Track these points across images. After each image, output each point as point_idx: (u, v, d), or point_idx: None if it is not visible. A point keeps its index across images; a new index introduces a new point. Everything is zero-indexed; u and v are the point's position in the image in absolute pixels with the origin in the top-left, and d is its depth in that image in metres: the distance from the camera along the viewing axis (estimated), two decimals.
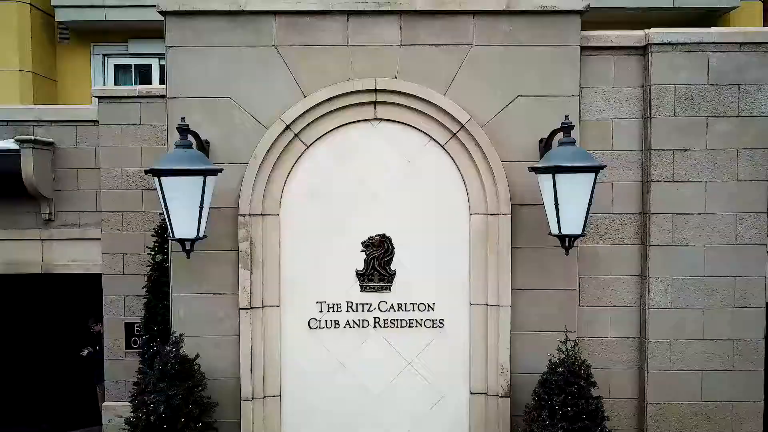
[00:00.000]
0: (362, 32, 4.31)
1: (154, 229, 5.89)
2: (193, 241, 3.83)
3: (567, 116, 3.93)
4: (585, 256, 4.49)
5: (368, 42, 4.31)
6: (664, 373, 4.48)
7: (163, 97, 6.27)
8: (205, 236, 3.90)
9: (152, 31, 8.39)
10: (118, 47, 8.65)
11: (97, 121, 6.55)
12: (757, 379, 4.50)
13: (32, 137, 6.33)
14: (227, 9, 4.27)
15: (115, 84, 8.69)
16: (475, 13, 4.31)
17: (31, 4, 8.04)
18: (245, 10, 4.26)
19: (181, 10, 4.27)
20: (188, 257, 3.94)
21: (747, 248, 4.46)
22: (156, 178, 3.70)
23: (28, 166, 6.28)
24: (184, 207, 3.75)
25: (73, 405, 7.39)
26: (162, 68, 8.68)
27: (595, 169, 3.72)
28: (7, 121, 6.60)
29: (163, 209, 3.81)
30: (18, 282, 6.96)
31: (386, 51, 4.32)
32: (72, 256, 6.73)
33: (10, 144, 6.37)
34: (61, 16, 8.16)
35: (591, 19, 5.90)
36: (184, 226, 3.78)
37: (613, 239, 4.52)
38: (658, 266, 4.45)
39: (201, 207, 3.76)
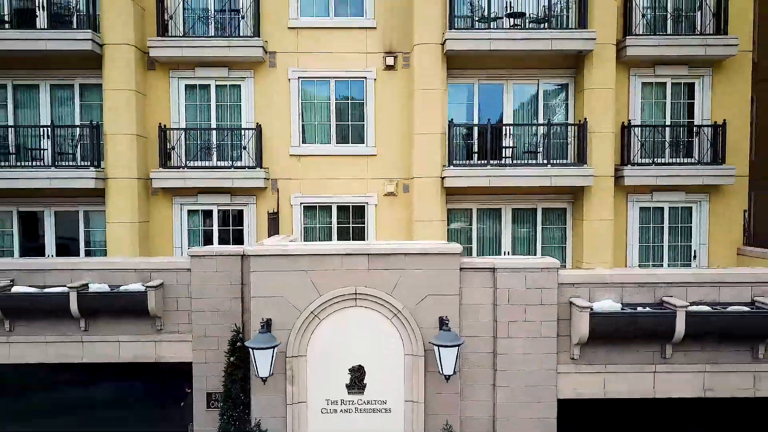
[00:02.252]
0: (349, 263, 8.33)
1: (229, 341, 9.82)
2: (267, 377, 7.85)
3: (446, 316, 7.97)
4: (465, 375, 8.49)
5: (351, 268, 8.33)
6: None
7: (229, 255, 10.26)
8: (273, 374, 7.90)
9: (213, 189, 12.49)
10: (190, 198, 12.70)
11: (189, 269, 10.53)
12: None
13: (153, 283, 10.29)
14: (281, 253, 8.32)
15: (187, 227, 12.74)
16: (406, 254, 8.34)
17: (138, 178, 12.12)
18: (291, 254, 8.31)
19: (256, 254, 8.33)
20: (264, 383, 7.97)
21: (547, 371, 8.48)
22: (251, 350, 7.72)
23: (150, 300, 10.21)
24: (263, 361, 7.75)
25: None
26: (219, 212, 12.74)
27: (459, 345, 7.74)
28: (134, 269, 10.59)
29: (252, 362, 7.82)
30: (140, 367, 10.91)
31: (360, 272, 8.33)
32: (173, 351, 10.64)
33: (139, 286, 10.35)
34: (156, 183, 12.23)
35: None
36: (263, 370, 7.79)
37: (479, 366, 8.53)
38: (500, 380, 8.46)
39: (272, 361, 7.78)
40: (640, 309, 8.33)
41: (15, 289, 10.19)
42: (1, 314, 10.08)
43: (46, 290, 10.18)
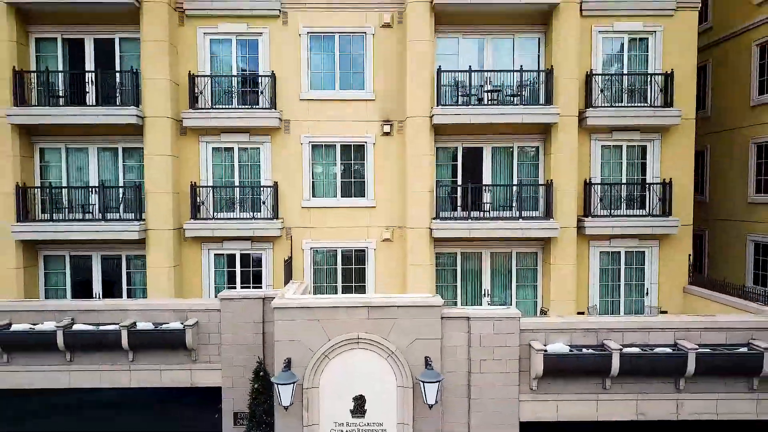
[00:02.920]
0: (353, 313, 10.38)
1: (253, 371, 11.87)
2: (289, 405, 9.90)
3: (430, 357, 10.03)
4: (445, 403, 10.53)
5: (354, 318, 10.37)
6: None
7: (252, 298, 12.27)
8: (293, 403, 9.96)
9: (236, 237, 14.55)
10: (217, 244, 14.77)
11: (219, 310, 12.57)
12: None
13: (190, 322, 12.31)
14: (299, 306, 10.38)
15: (214, 268, 14.81)
16: (398, 306, 10.40)
17: (173, 229, 14.21)
18: (307, 306, 10.37)
19: (279, 306, 10.39)
20: (286, 411, 10.02)
21: (511, 399, 10.55)
22: (275, 385, 9.78)
23: (188, 337, 12.24)
24: (286, 393, 9.81)
25: None
26: (242, 256, 14.79)
27: (439, 380, 9.79)
28: (174, 309, 12.62)
29: (276, 393, 9.87)
30: (178, 390, 12.94)
31: (363, 321, 10.37)
32: (206, 378, 12.66)
33: (178, 325, 12.35)
34: (189, 233, 14.30)
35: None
36: (285, 400, 9.84)
37: (456, 396, 10.58)
38: (474, 407, 10.50)
39: (292, 393, 9.84)
40: (584, 350, 10.39)
41: (75, 327, 12.23)
42: (64, 347, 12.08)
43: (102, 328, 12.20)
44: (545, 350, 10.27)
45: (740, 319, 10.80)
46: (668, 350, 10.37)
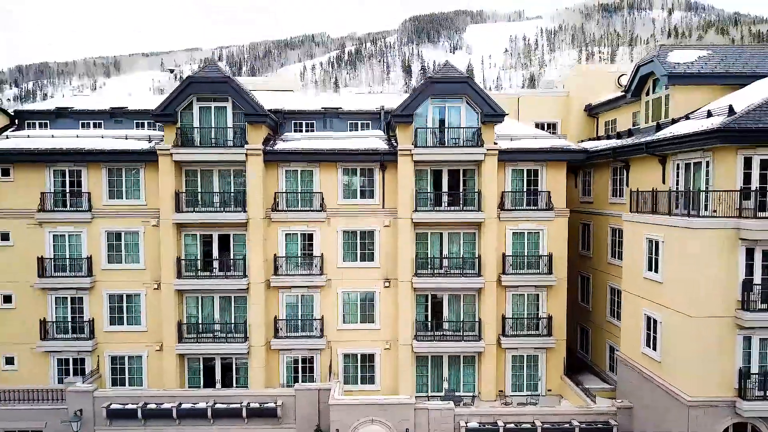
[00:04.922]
0: (369, 408, 20.26)
1: (314, 430, 21.76)
2: None
3: (407, 428, 19.92)
4: None
5: (369, 409, 20.24)
6: None
7: (312, 389, 22.35)
8: None
9: (299, 348, 24.56)
10: (288, 352, 24.71)
11: (294, 395, 22.36)
12: None
13: (279, 402, 22.09)
14: (344, 404, 20.27)
15: (285, 365, 24.71)
16: (390, 404, 20.28)
17: (264, 345, 24.18)
18: (348, 404, 20.26)
19: (334, 404, 20.30)
20: None
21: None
22: None
23: (278, 411, 21.95)
24: None
25: None
26: (302, 358, 24.85)
27: None
28: (269, 395, 22.44)
29: None
30: None
31: (374, 410, 20.24)
32: None
33: (272, 405, 22.20)
34: (273, 346, 24.23)
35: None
36: None
37: None
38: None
39: None
40: (486, 426, 20.27)
41: (217, 405, 22.21)
42: (211, 417, 22.02)
43: (231, 406, 22.20)
44: (467, 426, 20.19)
45: (568, 409, 20.73)
46: (529, 425, 20.27)
